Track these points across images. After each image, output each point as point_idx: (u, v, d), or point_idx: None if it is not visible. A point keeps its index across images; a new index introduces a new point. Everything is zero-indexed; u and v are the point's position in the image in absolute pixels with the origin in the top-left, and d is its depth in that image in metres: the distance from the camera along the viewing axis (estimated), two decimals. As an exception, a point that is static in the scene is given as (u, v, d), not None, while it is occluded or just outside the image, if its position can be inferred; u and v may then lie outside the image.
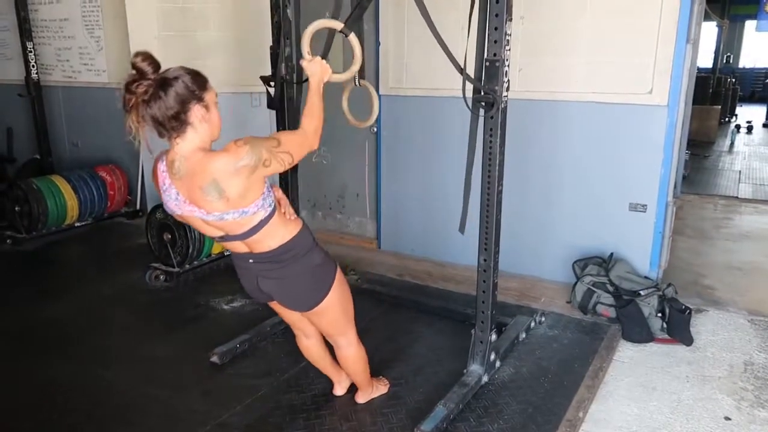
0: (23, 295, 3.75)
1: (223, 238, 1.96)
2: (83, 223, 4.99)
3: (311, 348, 2.47)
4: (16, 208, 4.63)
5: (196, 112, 1.77)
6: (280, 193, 2.06)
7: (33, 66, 5.33)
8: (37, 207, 4.59)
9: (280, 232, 1.96)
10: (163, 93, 1.71)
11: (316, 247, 2.09)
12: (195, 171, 1.76)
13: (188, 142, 1.79)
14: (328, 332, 2.34)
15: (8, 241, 4.63)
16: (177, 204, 1.84)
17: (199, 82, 1.79)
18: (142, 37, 4.45)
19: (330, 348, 2.48)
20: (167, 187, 1.84)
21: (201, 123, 1.78)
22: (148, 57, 1.71)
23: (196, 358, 2.91)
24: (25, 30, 5.25)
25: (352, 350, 2.38)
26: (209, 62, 4.53)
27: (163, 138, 1.80)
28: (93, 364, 2.91)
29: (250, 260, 2.02)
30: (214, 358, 2.87)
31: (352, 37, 2.26)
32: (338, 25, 2.24)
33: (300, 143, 1.95)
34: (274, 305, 2.26)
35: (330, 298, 2.14)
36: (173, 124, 1.75)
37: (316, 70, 2.10)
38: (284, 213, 2.02)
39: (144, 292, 3.78)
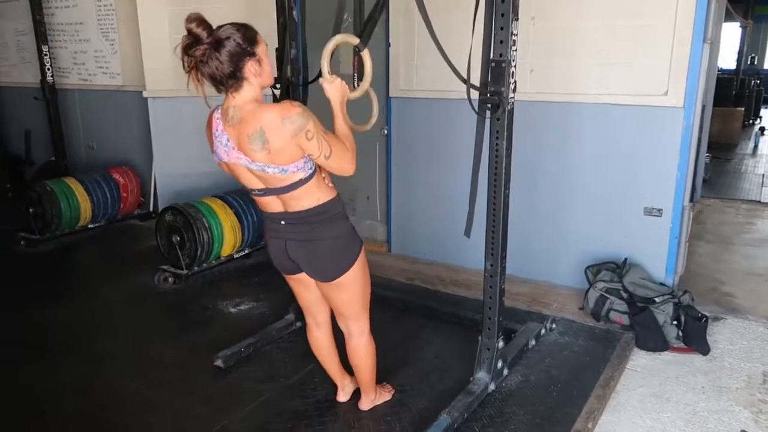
0: (34, 296, 3.77)
1: (263, 192, 2.02)
2: (96, 225, 5.02)
3: (321, 340, 2.44)
4: (30, 210, 4.67)
5: (249, 67, 1.89)
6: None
7: (48, 69, 5.38)
8: (51, 209, 4.63)
9: (316, 194, 2.05)
10: (218, 54, 1.84)
11: (345, 219, 2.16)
12: (246, 119, 1.88)
13: (243, 94, 1.91)
14: (343, 313, 2.31)
15: (22, 242, 4.68)
16: (226, 150, 1.95)
17: (249, 37, 1.90)
18: (154, 39, 4.47)
19: (340, 349, 2.45)
20: (219, 133, 1.95)
21: (255, 77, 1.91)
22: (201, 22, 1.83)
23: (202, 362, 2.89)
24: (41, 33, 5.30)
25: (363, 340, 2.35)
26: (220, 65, 4.54)
27: (221, 93, 1.94)
28: (100, 367, 2.92)
29: (282, 221, 2.09)
30: (219, 362, 2.85)
31: (365, 54, 2.27)
32: (355, 40, 2.25)
33: (342, 151, 2.01)
34: (294, 282, 2.30)
35: (352, 272, 2.17)
36: (230, 81, 1.88)
37: (337, 93, 2.12)
38: (323, 178, 2.11)
39: (153, 295, 3.79)
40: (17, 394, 2.71)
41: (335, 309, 2.34)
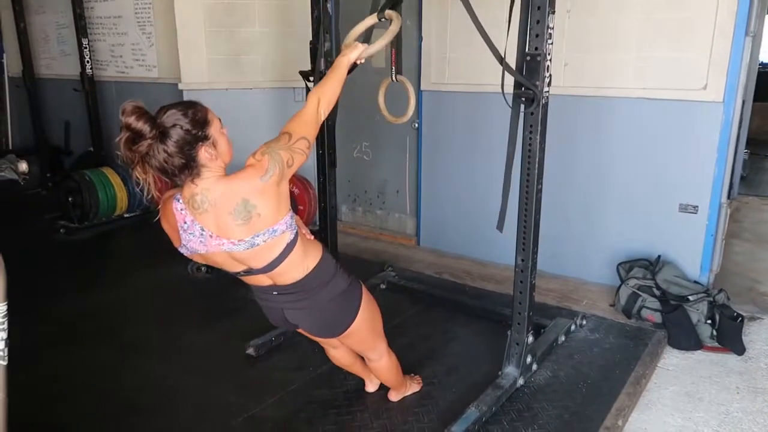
0: (72, 283, 3.88)
1: (248, 272, 1.89)
2: (132, 215, 5.13)
3: (340, 357, 2.45)
4: (69, 199, 4.81)
5: (203, 153, 1.68)
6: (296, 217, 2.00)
7: (87, 61, 5.51)
8: (89, 198, 4.75)
9: (304, 262, 1.90)
10: (165, 146, 1.62)
11: (339, 270, 2.04)
12: (220, 199, 1.70)
13: (205, 179, 1.71)
14: (357, 350, 2.34)
15: (62, 230, 4.82)
16: (202, 241, 1.75)
17: (198, 120, 1.67)
18: (189, 33, 4.54)
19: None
20: (189, 225, 1.74)
21: (212, 161, 1.70)
22: (141, 114, 1.59)
23: (233, 350, 2.95)
24: (81, 27, 5.43)
25: (383, 362, 2.36)
26: (252, 57, 4.60)
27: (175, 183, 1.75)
28: (133, 353, 2.99)
29: (274, 292, 1.96)
30: (250, 351, 2.90)
31: (389, 12, 2.21)
32: (372, 19, 2.22)
33: (308, 123, 1.87)
34: (300, 330, 2.21)
35: (358, 320, 2.09)
36: (184, 173, 1.68)
37: (347, 50, 2.05)
38: (304, 233, 1.97)
39: (186, 283, 3.85)
40: (50, 376, 2.78)
41: (349, 348, 2.35)
